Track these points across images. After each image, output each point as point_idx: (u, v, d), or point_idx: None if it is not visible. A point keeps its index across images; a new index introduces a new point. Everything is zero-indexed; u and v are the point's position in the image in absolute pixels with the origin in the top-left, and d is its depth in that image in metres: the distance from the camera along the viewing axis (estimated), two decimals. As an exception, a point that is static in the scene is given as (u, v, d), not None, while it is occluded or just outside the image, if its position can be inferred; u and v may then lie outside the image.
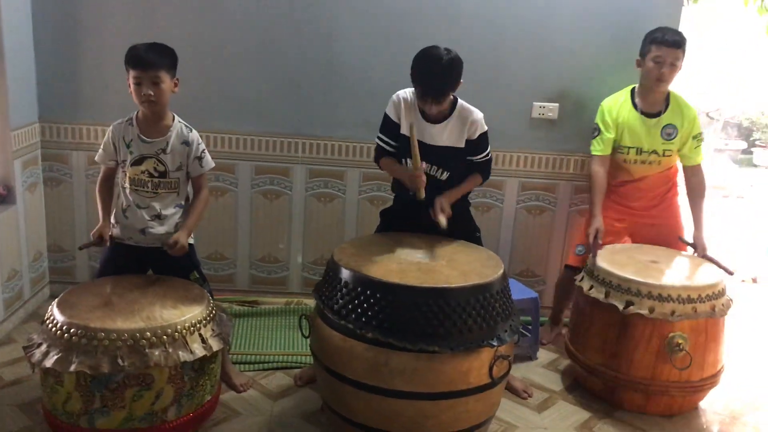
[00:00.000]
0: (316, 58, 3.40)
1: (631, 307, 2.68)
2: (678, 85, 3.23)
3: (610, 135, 3.19)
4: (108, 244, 2.60)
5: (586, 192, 3.59)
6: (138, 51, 2.51)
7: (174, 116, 2.66)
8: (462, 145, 2.70)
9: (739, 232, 6.22)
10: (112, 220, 2.68)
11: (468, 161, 2.76)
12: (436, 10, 3.33)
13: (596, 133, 3.23)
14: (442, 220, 2.60)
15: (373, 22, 3.36)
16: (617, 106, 3.20)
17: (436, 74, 2.49)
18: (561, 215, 3.65)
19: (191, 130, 2.67)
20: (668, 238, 3.23)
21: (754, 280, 4.80)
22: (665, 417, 2.81)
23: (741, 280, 4.68)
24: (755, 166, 10.64)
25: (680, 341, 2.65)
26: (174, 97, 2.61)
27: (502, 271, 2.37)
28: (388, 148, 2.76)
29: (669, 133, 3.16)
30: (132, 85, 2.52)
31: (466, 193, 2.84)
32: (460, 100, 2.70)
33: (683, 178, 3.30)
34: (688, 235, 3.24)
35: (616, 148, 3.22)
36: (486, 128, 2.72)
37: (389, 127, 2.73)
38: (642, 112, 3.17)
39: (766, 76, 10.83)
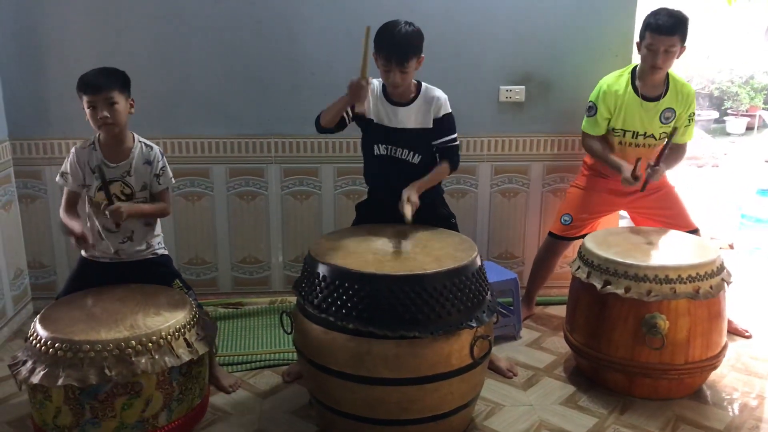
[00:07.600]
0: (280, 56, 3.42)
1: (608, 287, 2.66)
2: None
3: (606, 117, 3.14)
4: (90, 241, 2.54)
5: (559, 171, 3.65)
6: (88, 76, 2.49)
7: (134, 136, 2.64)
8: (430, 125, 2.73)
9: (716, 200, 6.30)
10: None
11: (436, 146, 2.76)
12: (396, 2, 3.34)
13: (592, 113, 3.16)
14: (408, 212, 2.59)
15: (333, 15, 3.38)
16: (620, 89, 3.10)
17: (400, 36, 2.56)
18: (535, 196, 3.70)
19: (152, 148, 2.66)
20: (674, 219, 3.21)
21: (731, 246, 4.88)
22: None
23: (719, 247, 4.75)
24: (728, 134, 10.79)
25: (659, 322, 2.58)
26: (143, 105, 2.60)
27: (475, 253, 2.40)
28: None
29: (668, 117, 3.10)
30: (87, 111, 2.49)
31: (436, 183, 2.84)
32: (424, 83, 2.75)
33: None
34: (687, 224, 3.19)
35: (611, 130, 3.17)
36: (450, 110, 2.73)
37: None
38: (642, 96, 3.08)
39: (732, 45, 10.97)
